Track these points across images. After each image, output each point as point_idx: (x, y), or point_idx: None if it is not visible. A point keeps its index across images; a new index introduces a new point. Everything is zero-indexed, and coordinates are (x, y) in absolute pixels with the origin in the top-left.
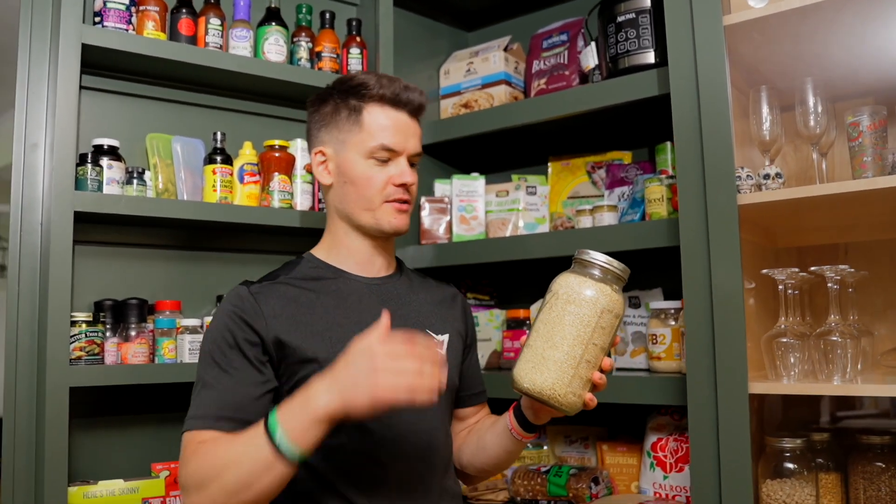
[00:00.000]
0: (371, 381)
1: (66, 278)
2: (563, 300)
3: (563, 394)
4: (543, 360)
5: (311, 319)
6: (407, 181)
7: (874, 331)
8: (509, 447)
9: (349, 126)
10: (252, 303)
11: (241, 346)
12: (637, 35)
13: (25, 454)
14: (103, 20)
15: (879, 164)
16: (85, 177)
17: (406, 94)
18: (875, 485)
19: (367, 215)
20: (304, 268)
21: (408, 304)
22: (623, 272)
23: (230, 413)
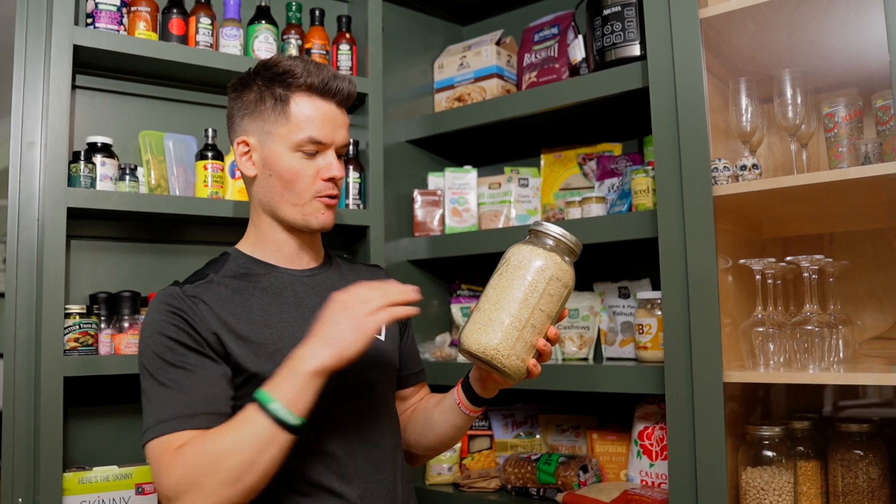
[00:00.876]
0: (357, 327)
1: (60, 272)
2: (514, 266)
3: (506, 355)
4: (490, 322)
5: (249, 316)
6: (335, 175)
7: (858, 320)
8: (457, 423)
9: (275, 116)
10: (189, 303)
11: (189, 342)
12: (623, 28)
13: (24, 442)
14: (95, 21)
15: (854, 155)
16: (78, 174)
17: (335, 82)
18: (853, 472)
19: (294, 210)
20: (232, 265)
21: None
22: (575, 245)
23: (202, 408)
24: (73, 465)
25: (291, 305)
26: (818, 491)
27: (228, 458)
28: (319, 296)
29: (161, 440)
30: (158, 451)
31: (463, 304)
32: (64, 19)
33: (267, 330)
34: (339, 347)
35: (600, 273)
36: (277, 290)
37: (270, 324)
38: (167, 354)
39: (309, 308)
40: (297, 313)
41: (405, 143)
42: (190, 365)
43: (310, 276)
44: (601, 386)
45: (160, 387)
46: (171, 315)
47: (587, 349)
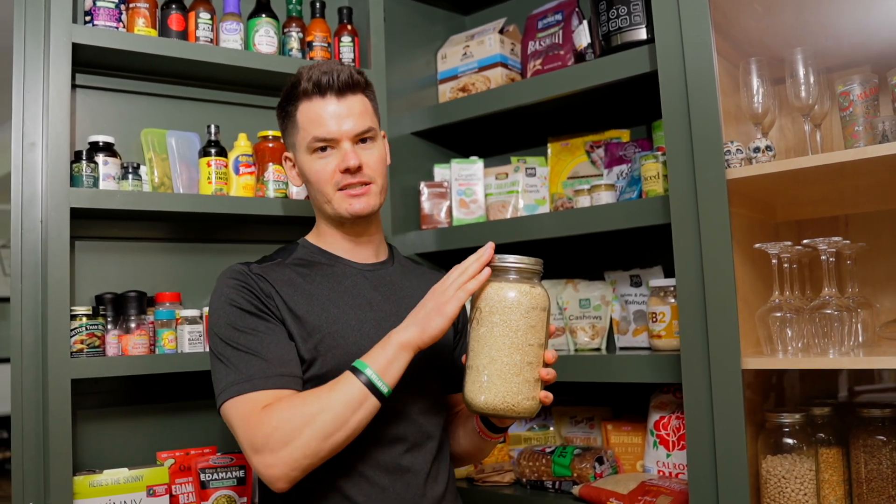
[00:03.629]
0: (438, 308)
1: (65, 273)
2: (488, 312)
3: (516, 402)
4: (488, 378)
5: (309, 299)
6: (350, 165)
7: (876, 303)
8: (478, 444)
9: (292, 130)
10: (254, 279)
11: (257, 311)
12: (628, 11)
13: (33, 446)
14: (93, 19)
15: (870, 133)
16: (80, 173)
17: (325, 77)
18: (876, 458)
19: (328, 207)
20: (300, 252)
21: (401, 290)
22: (535, 265)
23: (278, 370)
24: (83, 468)
25: (350, 295)
26: (841, 478)
27: (323, 415)
28: (377, 290)
29: (243, 399)
30: (244, 409)
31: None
32: (62, 17)
33: (323, 314)
34: (423, 326)
35: (611, 262)
36: (339, 279)
37: (327, 309)
38: (238, 322)
39: (366, 300)
40: (353, 302)
41: (410, 135)
42: (260, 331)
43: (371, 270)
44: (616, 376)
45: (234, 351)
46: (237, 286)
47: (600, 339)
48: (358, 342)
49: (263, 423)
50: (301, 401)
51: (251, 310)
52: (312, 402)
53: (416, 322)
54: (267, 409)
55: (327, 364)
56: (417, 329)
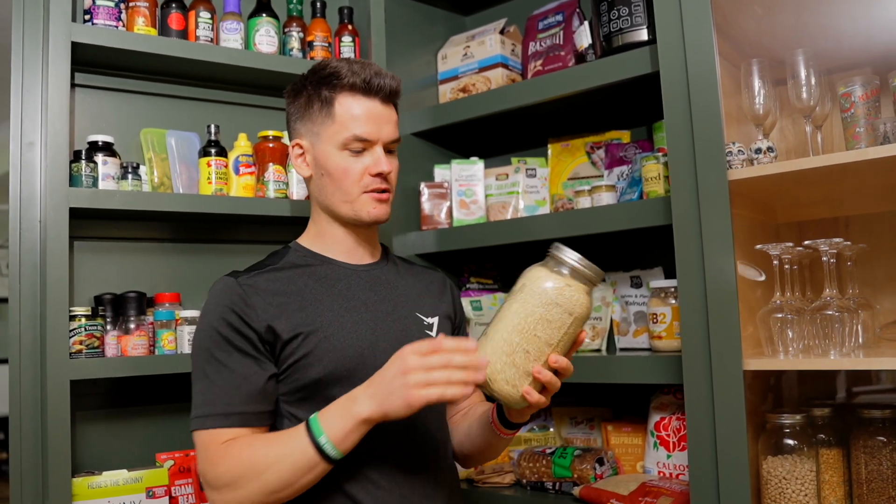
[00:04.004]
0: (403, 391)
1: (64, 273)
2: (518, 289)
3: (495, 380)
4: (484, 343)
5: (301, 304)
6: (383, 170)
7: (876, 304)
8: (491, 440)
9: (322, 118)
10: (241, 294)
11: (236, 341)
12: (629, 12)
13: (31, 447)
14: (93, 18)
15: (872, 135)
16: (80, 173)
17: (377, 80)
18: (877, 459)
19: (346, 207)
20: (291, 256)
21: (396, 288)
22: (589, 270)
23: (241, 407)
24: (82, 469)
25: (344, 297)
26: (841, 479)
27: (269, 473)
28: (373, 290)
29: (209, 433)
30: (204, 442)
31: (472, 297)
32: (61, 16)
33: (317, 319)
34: (385, 407)
35: (611, 263)
36: (331, 281)
37: (321, 313)
38: (214, 350)
39: (361, 301)
40: (348, 305)
41: (410, 135)
42: (231, 367)
43: (365, 270)
44: (616, 377)
45: (205, 378)
46: (224, 310)
47: (600, 340)
48: (354, 344)
49: (217, 463)
50: (253, 451)
51: (230, 338)
52: (264, 455)
53: (377, 397)
54: (224, 448)
55: (324, 369)
56: (378, 409)
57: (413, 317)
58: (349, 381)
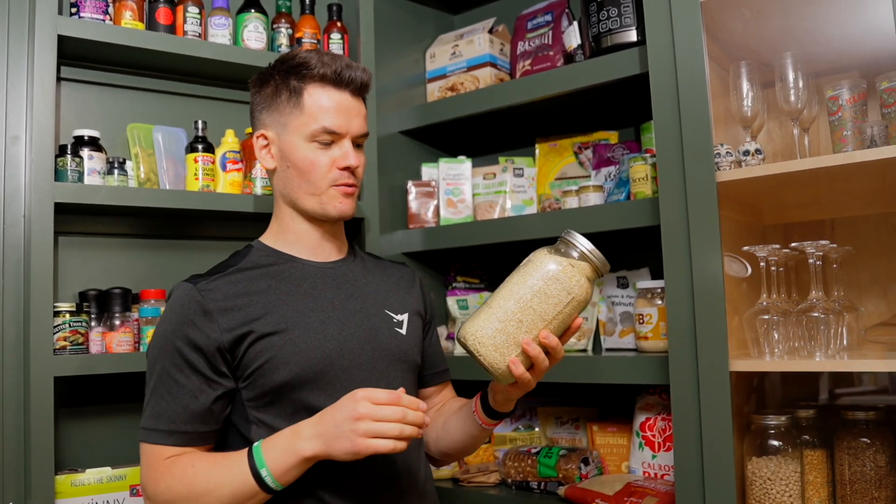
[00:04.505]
0: (352, 437)
1: (48, 269)
2: (524, 264)
3: (484, 343)
4: (480, 310)
5: (265, 306)
6: (351, 164)
7: (861, 306)
8: (473, 433)
9: (290, 108)
10: (199, 302)
11: (190, 356)
12: (619, 13)
13: (13, 444)
14: (80, 11)
15: (859, 138)
16: (65, 168)
17: (348, 72)
18: (860, 460)
19: (313, 200)
20: (254, 256)
21: (364, 286)
22: (596, 257)
23: (185, 426)
24: (65, 467)
25: (310, 297)
26: (825, 480)
27: (209, 498)
28: (339, 288)
29: (153, 448)
30: (148, 456)
31: (459, 296)
32: (47, 9)
33: (282, 321)
34: (330, 450)
35: None
36: (296, 281)
37: (286, 315)
38: (167, 363)
39: (327, 300)
40: (314, 304)
41: (398, 133)
42: (185, 380)
43: (331, 268)
44: (603, 377)
45: (154, 392)
46: (181, 322)
47: (586, 340)
48: (321, 346)
49: (159, 480)
50: (195, 472)
51: (184, 353)
52: (205, 479)
53: (325, 438)
54: (166, 466)
55: (290, 372)
56: (324, 449)
57: (382, 314)
58: (317, 384)
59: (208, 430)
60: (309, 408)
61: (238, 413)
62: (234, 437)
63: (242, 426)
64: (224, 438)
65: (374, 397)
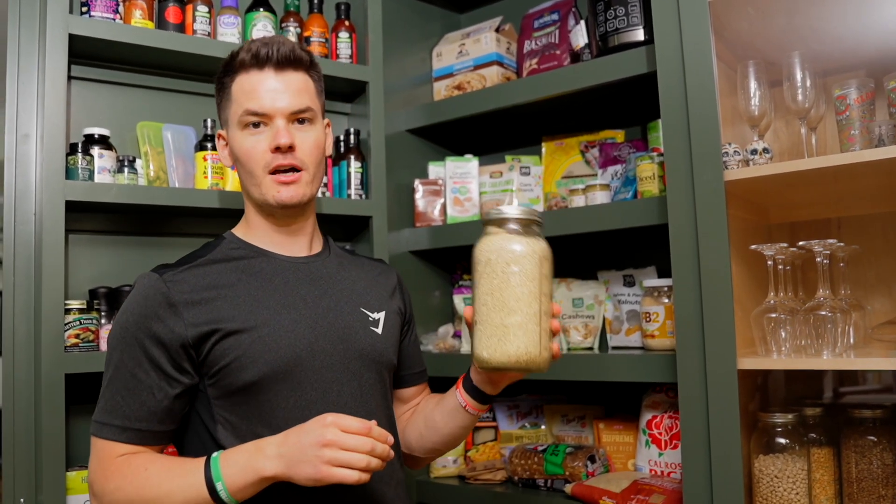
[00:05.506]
0: (316, 463)
1: (59, 267)
2: (500, 264)
3: (537, 353)
4: (508, 329)
5: (234, 301)
6: (281, 142)
7: (867, 305)
8: (463, 422)
9: (225, 103)
10: (164, 294)
11: (151, 350)
12: (626, 12)
13: (25, 441)
14: (90, 10)
15: (867, 137)
16: (76, 166)
17: (264, 49)
18: (867, 458)
19: (256, 191)
20: (224, 248)
21: (339, 282)
22: (538, 216)
23: (140, 424)
24: (76, 463)
25: (281, 293)
26: (832, 478)
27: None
28: (313, 284)
29: (105, 443)
30: (99, 451)
31: (465, 294)
32: (58, 8)
33: (251, 318)
34: (292, 473)
35: (604, 261)
36: (268, 276)
37: (255, 311)
38: (126, 355)
39: (300, 297)
40: (285, 301)
41: (405, 132)
42: (143, 375)
43: (304, 263)
44: (609, 375)
45: (110, 384)
46: (144, 313)
47: (592, 338)
48: (291, 344)
49: (109, 479)
50: (147, 476)
51: (144, 346)
52: (157, 483)
53: (288, 461)
54: (118, 464)
55: (258, 372)
56: (285, 472)
57: (357, 312)
58: (286, 385)
59: (164, 430)
60: (276, 410)
61: (204, 410)
62: (199, 433)
63: (209, 423)
64: (188, 434)
65: (343, 425)
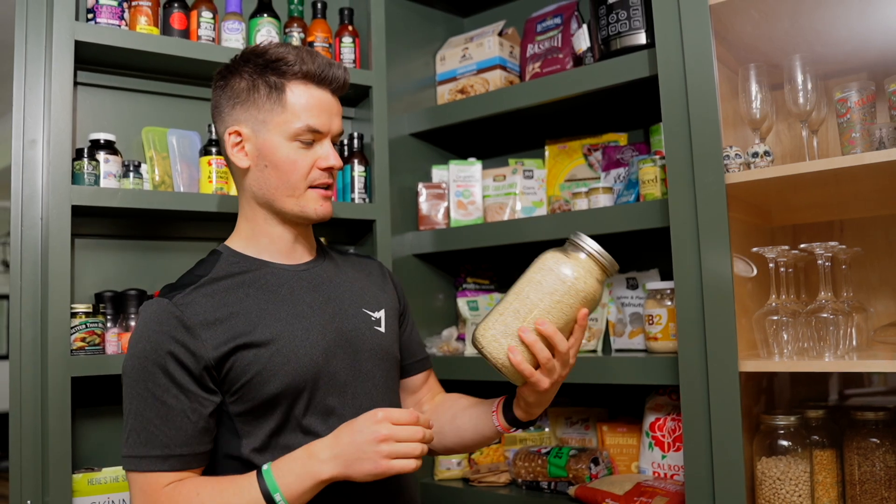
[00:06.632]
0: (375, 458)
1: (66, 271)
2: (552, 279)
3: (485, 335)
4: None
5: (246, 317)
6: (333, 164)
7: (870, 307)
8: (487, 434)
9: (270, 105)
10: (179, 318)
11: (176, 375)
12: (628, 16)
13: (31, 443)
14: (96, 17)
15: (867, 140)
16: (82, 171)
17: (331, 70)
18: (870, 461)
19: (291, 202)
20: (224, 264)
21: (339, 285)
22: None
23: (181, 449)
24: (82, 466)
25: (289, 303)
26: (834, 480)
27: None
28: (316, 291)
29: (147, 476)
30: (143, 486)
31: (469, 297)
32: (65, 15)
33: (266, 331)
34: (351, 471)
35: None
36: (273, 287)
37: (268, 324)
38: (151, 383)
39: (307, 305)
40: (294, 311)
41: (408, 136)
42: (172, 400)
43: (305, 270)
44: (613, 378)
45: (139, 415)
46: (161, 339)
47: (595, 341)
48: (309, 353)
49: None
50: (200, 501)
51: (168, 372)
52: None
53: (345, 461)
54: (167, 495)
55: (281, 384)
56: (344, 472)
57: (361, 314)
58: (307, 392)
59: (204, 451)
60: (300, 418)
61: (226, 428)
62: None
63: (233, 440)
64: (215, 452)
65: (395, 418)
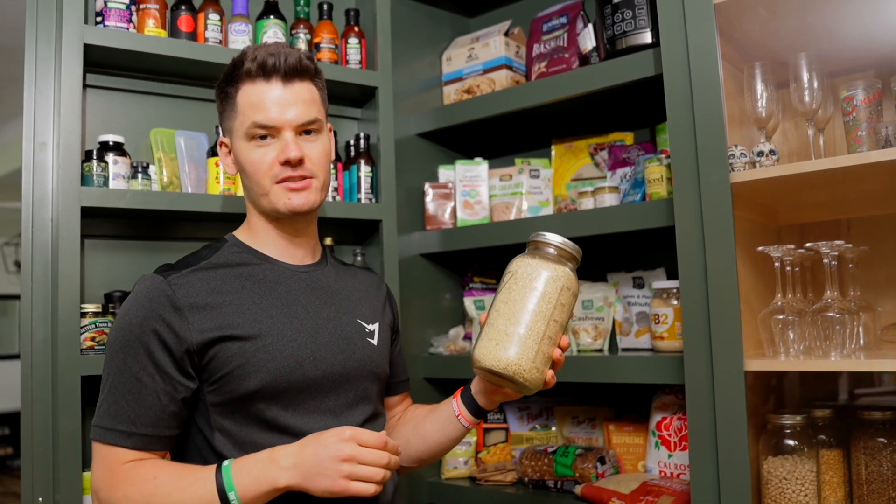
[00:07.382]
0: (334, 476)
1: (76, 271)
2: (523, 279)
3: (527, 369)
4: (507, 337)
5: (238, 308)
6: (290, 156)
7: (877, 306)
8: (453, 434)
9: (230, 112)
10: (169, 296)
11: (156, 354)
12: (633, 15)
13: (42, 441)
14: (105, 20)
15: (874, 138)
16: (91, 173)
17: (271, 59)
18: (877, 460)
19: (265, 200)
20: (227, 252)
21: (337, 293)
22: (576, 252)
23: (146, 429)
24: None
25: (284, 302)
26: (841, 479)
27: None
28: (314, 294)
29: (110, 449)
30: (104, 458)
31: (476, 296)
32: (74, 18)
33: (255, 325)
34: (308, 484)
35: (614, 263)
36: (271, 284)
37: (259, 319)
38: (130, 359)
39: (302, 306)
40: (288, 310)
41: (415, 136)
42: (148, 379)
43: (305, 272)
44: (619, 377)
45: (113, 388)
46: (148, 316)
47: (602, 340)
48: (294, 354)
49: (117, 487)
50: (157, 486)
51: (149, 349)
52: (167, 494)
53: (305, 472)
54: (125, 472)
55: (261, 380)
56: (300, 478)
57: (355, 324)
58: (286, 394)
59: (169, 435)
60: (276, 419)
61: (201, 417)
62: (195, 440)
63: (206, 430)
64: (184, 441)
65: (361, 439)
